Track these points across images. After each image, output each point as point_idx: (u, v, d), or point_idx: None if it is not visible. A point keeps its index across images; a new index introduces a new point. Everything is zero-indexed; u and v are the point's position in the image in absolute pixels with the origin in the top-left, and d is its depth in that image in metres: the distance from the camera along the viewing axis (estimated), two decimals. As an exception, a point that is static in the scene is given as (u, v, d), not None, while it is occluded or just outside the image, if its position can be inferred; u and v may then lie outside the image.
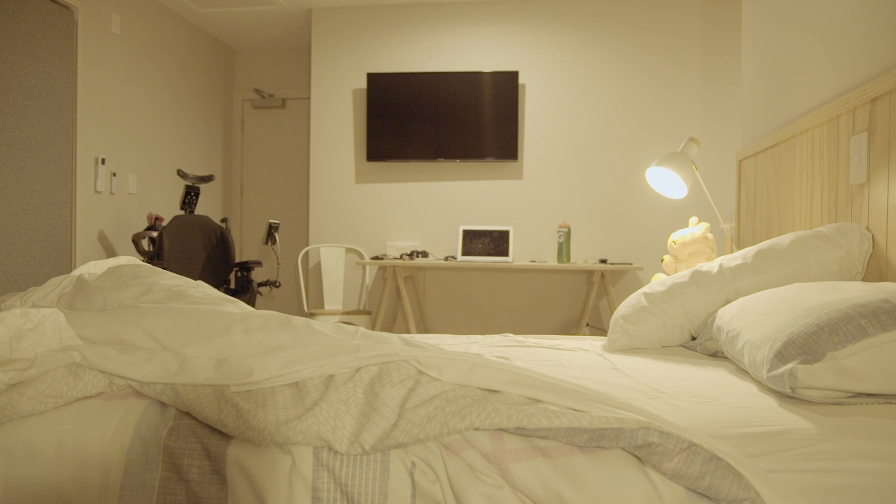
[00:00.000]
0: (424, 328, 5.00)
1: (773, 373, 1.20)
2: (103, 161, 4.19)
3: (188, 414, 1.04)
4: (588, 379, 1.41)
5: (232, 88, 5.97)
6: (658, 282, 1.90)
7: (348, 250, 5.10)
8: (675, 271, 2.88)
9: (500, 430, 0.94)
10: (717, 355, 1.71)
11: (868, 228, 1.76)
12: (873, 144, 1.73)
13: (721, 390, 1.29)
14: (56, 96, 3.83)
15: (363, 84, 5.02)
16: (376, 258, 4.75)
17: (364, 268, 5.09)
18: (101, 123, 4.20)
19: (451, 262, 4.48)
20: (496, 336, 2.06)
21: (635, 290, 4.20)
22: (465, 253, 4.63)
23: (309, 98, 5.69)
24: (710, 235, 2.82)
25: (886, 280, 1.67)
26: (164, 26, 4.90)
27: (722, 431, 1.01)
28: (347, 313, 4.74)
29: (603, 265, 4.37)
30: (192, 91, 5.29)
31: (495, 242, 4.61)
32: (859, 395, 1.15)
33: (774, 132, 2.47)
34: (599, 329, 4.80)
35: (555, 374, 1.47)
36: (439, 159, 4.84)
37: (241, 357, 1.07)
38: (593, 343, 1.98)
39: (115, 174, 4.32)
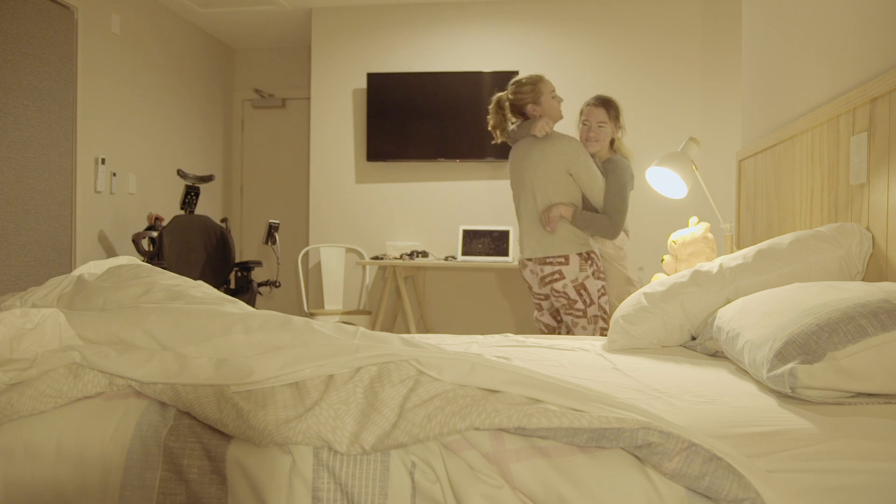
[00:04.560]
0: (424, 328, 5.00)
1: (773, 373, 1.20)
2: (103, 161, 4.19)
3: (188, 414, 1.04)
4: (588, 379, 1.41)
5: (232, 88, 5.97)
6: (658, 282, 1.90)
7: (348, 250, 5.10)
8: (675, 271, 2.88)
9: (500, 430, 0.94)
10: (717, 355, 1.71)
11: (868, 228, 1.76)
12: (873, 144, 1.73)
13: (721, 390, 1.29)
14: (56, 96, 3.83)
15: (363, 84, 5.02)
16: (376, 258, 4.75)
17: (364, 268, 5.09)
18: (101, 123, 4.20)
19: (451, 262, 4.48)
20: (496, 336, 2.06)
21: (635, 290, 4.20)
22: (465, 253, 4.63)
23: (309, 98, 5.69)
24: (710, 235, 2.82)
25: (886, 280, 1.67)
26: (165, 26, 4.90)
27: (722, 431, 1.01)
28: (347, 313, 4.74)
29: (603, 265, 4.36)
30: (192, 91, 5.29)
31: (495, 242, 4.61)
32: (859, 395, 1.15)
33: (774, 132, 2.47)
34: (599, 329, 4.80)
35: (555, 374, 1.47)
36: (439, 159, 4.84)
37: (241, 357, 1.07)
38: (593, 343, 1.98)
39: (115, 174, 4.32)
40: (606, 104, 2.92)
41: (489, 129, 3.04)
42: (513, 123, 2.98)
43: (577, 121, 3.02)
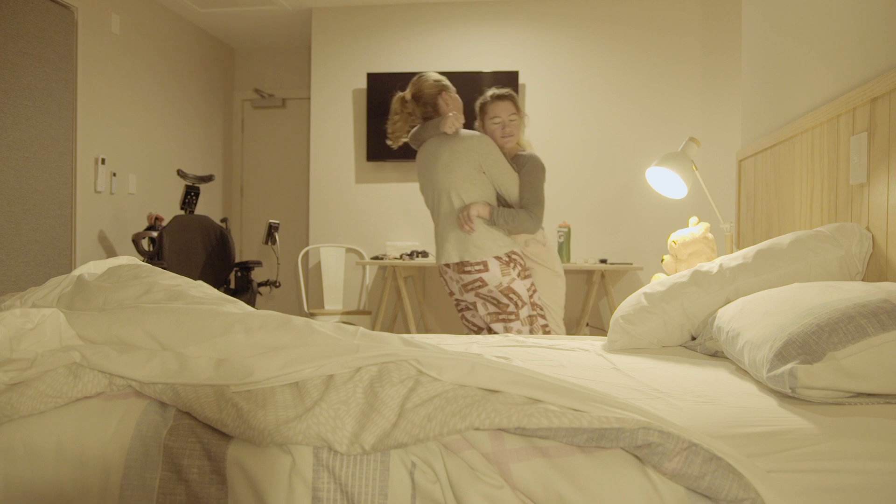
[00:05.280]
0: (424, 328, 5.00)
1: (773, 373, 1.20)
2: (103, 161, 4.19)
3: (188, 414, 1.04)
4: (588, 379, 1.41)
5: (232, 88, 5.97)
6: (658, 282, 1.90)
7: (348, 250, 5.10)
8: (675, 271, 2.88)
9: (500, 430, 0.94)
10: (717, 355, 1.71)
11: (868, 228, 1.76)
12: (873, 144, 1.73)
13: (721, 390, 1.29)
14: (56, 96, 3.83)
15: (363, 84, 5.02)
16: (376, 258, 4.75)
17: (364, 268, 5.09)
18: (101, 123, 4.20)
19: (451, 262, 4.47)
20: (496, 336, 2.06)
21: (635, 290, 4.20)
22: (465, 253, 4.62)
23: (309, 98, 5.69)
24: (710, 235, 2.82)
25: (886, 280, 1.67)
26: (164, 26, 4.90)
27: (722, 431, 1.01)
28: (347, 313, 4.74)
29: (603, 265, 4.37)
30: (192, 91, 5.29)
31: (495, 242, 4.60)
32: (859, 395, 1.15)
33: (774, 132, 2.47)
34: (599, 329, 4.80)
35: (555, 374, 1.47)
36: (439, 159, 4.84)
37: (241, 357, 1.07)
38: (593, 343, 1.98)
39: (115, 174, 4.32)
40: (510, 97, 2.75)
41: (390, 132, 2.83)
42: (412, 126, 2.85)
43: (480, 122, 2.82)
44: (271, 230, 4.51)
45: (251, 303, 4.22)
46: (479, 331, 2.82)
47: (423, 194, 2.87)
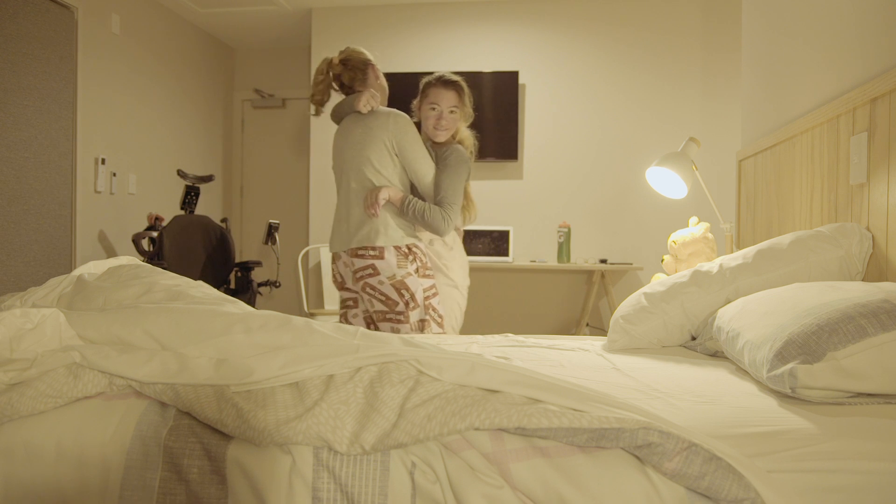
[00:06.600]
0: (424, 328, 4.99)
1: (773, 373, 1.20)
2: (103, 161, 4.19)
3: (188, 414, 1.04)
4: (588, 379, 1.41)
5: (232, 88, 5.96)
6: (658, 282, 1.90)
7: (348, 250, 5.09)
8: (675, 271, 2.88)
9: (500, 430, 0.94)
10: (717, 355, 1.71)
11: (868, 228, 1.76)
12: (873, 144, 1.73)
13: (721, 390, 1.29)
14: (56, 96, 3.83)
15: (363, 84, 5.02)
16: (376, 258, 4.75)
17: (364, 268, 5.08)
18: (101, 123, 4.20)
19: (451, 262, 4.47)
20: (496, 336, 2.06)
21: (635, 290, 4.20)
22: (465, 253, 4.63)
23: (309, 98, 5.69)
24: (710, 235, 2.82)
25: (886, 280, 1.67)
26: (165, 26, 4.90)
27: (722, 431, 1.01)
28: (347, 313, 4.74)
29: (603, 265, 4.36)
30: (192, 91, 5.29)
31: (495, 242, 4.61)
32: (859, 395, 1.15)
33: (774, 132, 2.47)
34: (599, 329, 4.80)
35: (555, 374, 1.47)
36: (439, 159, 4.84)
37: (241, 357, 1.07)
38: (593, 343, 1.98)
39: (115, 174, 4.32)
40: (457, 87, 2.51)
41: (313, 100, 2.61)
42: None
43: (417, 103, 2.58)
44: (271, 230, 4.51)
45: (251, 303, 4.22)
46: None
47: (333, 173, 2.61)
